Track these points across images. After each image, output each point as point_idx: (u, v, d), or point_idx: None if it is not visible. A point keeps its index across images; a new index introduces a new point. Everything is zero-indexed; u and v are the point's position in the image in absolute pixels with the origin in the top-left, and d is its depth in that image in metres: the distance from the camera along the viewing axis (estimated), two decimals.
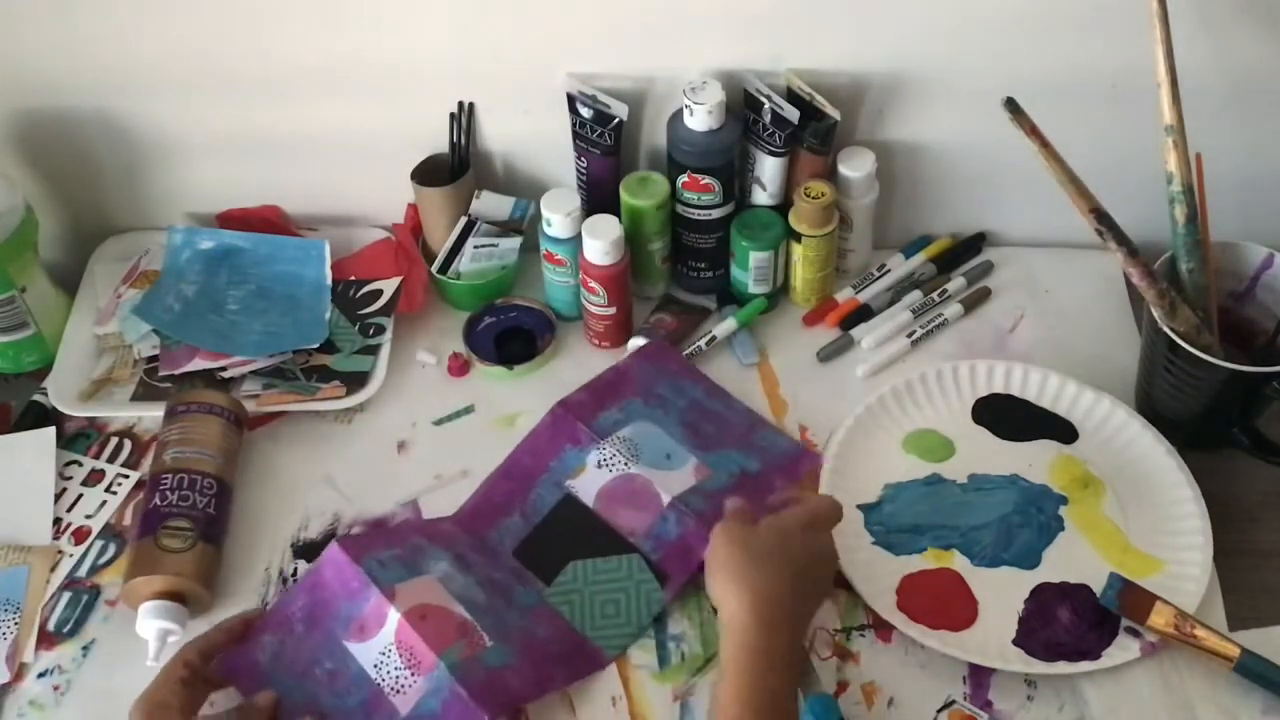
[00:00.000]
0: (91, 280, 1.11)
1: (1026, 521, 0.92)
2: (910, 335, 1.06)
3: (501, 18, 0.98)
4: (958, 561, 0.91)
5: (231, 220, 1.12)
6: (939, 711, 0.85)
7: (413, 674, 0.82)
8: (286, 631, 0.87)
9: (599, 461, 0.95)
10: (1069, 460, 0.96)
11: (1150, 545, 0.91)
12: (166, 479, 0.92)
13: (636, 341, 1.05)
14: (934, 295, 1.08)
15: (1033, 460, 0.96)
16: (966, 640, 0.86)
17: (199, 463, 0.93)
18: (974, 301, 1.09)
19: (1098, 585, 0.87)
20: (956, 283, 1.09)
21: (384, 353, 1.05)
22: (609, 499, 0.94)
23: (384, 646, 0.84)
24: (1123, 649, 0.85)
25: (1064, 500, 0.93)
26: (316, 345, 1.05)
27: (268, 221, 1.11)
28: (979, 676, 0.85)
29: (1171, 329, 0.90)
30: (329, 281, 1.08)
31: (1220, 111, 0.99)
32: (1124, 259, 0.88)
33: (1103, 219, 0.87)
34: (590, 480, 0.95)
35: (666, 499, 0.92)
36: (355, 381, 1.03)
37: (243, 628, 0.87)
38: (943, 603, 0.88)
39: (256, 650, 0.86)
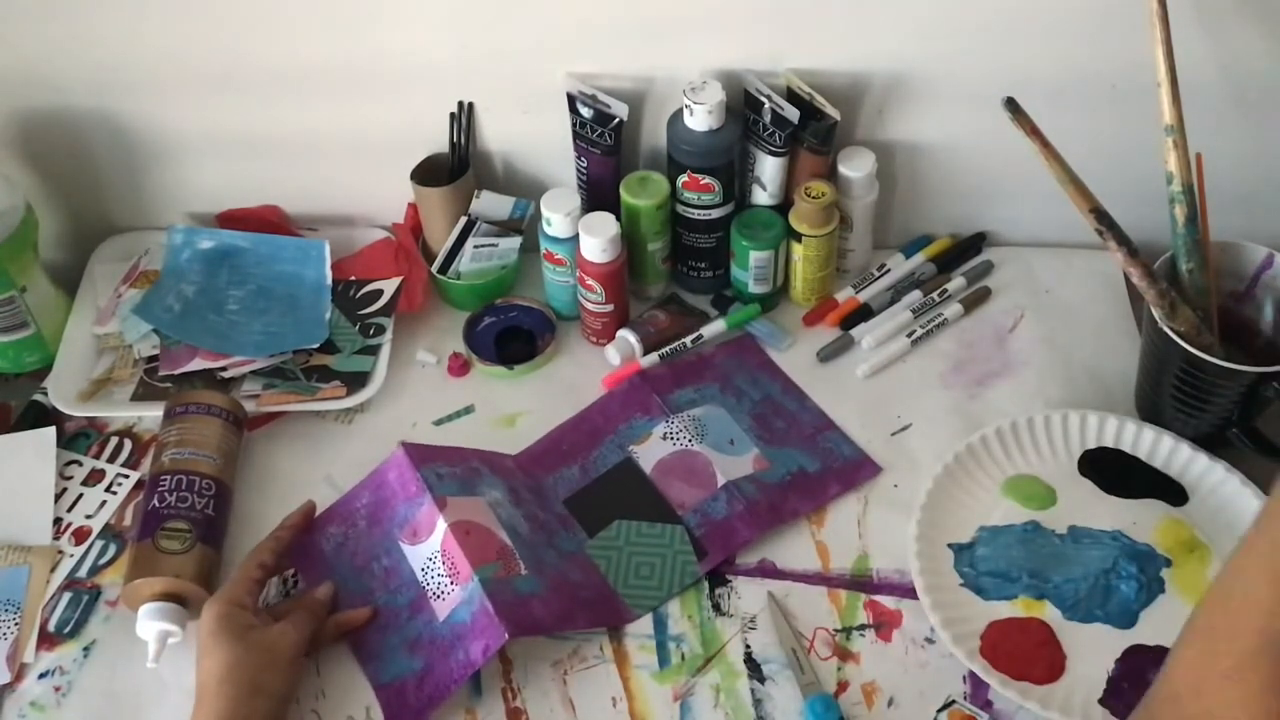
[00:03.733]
0: (91, 280, 1.11)
1: (1126, 580, 0.88)
2: (910, 335, 1.06)
3: (501, 18, 0.98)
4: (1049, 612, 0.88)
5: (231, 220, 1.12)
6: (939, 711, 0.85)
7: (452, 582, 0.87)
8: (350, 525, 0.94)
9: (665, 433, 0.98)
10: (1176, 523, 0.92)
11: None
12: (165, 480, 0.92)
13: (624, 334, 1.05)
14: (934, 295, 1.08)
15: (1138, 518, 0.92)
16: (1049, 695, 0.83)
17: (197, 464, 0.94)
18: (974, 301, 1.09)
19: None
20: (956, 282, 1.09)
21: (384, 353, 1.05)
22: (666, 469, 0.97)
23: (431, 553, 0.89)
24: None
25: (1168, 562, 0.89)
26: (317, 345, 1.05)
27: (268, 221, 1.11)
28: (979, 677, 0.85)
29: (1171, 329, 0.90)
30: (329, 281, 1.08)
31: (1221, 111, 0.99)
32: (1124, 259, 0.88)
33: (1102, 218, 0.87)
34: (652, 449, 0.98)
35: (722, 480, 0.95)
36: (355, 381, 1.03)
37: (305, 521, 0.94)
38: (1029, 654, 0.85)
39: (322, 540, 0.93)
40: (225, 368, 1.03)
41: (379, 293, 1.09)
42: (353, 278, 1.10)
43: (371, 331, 1.07)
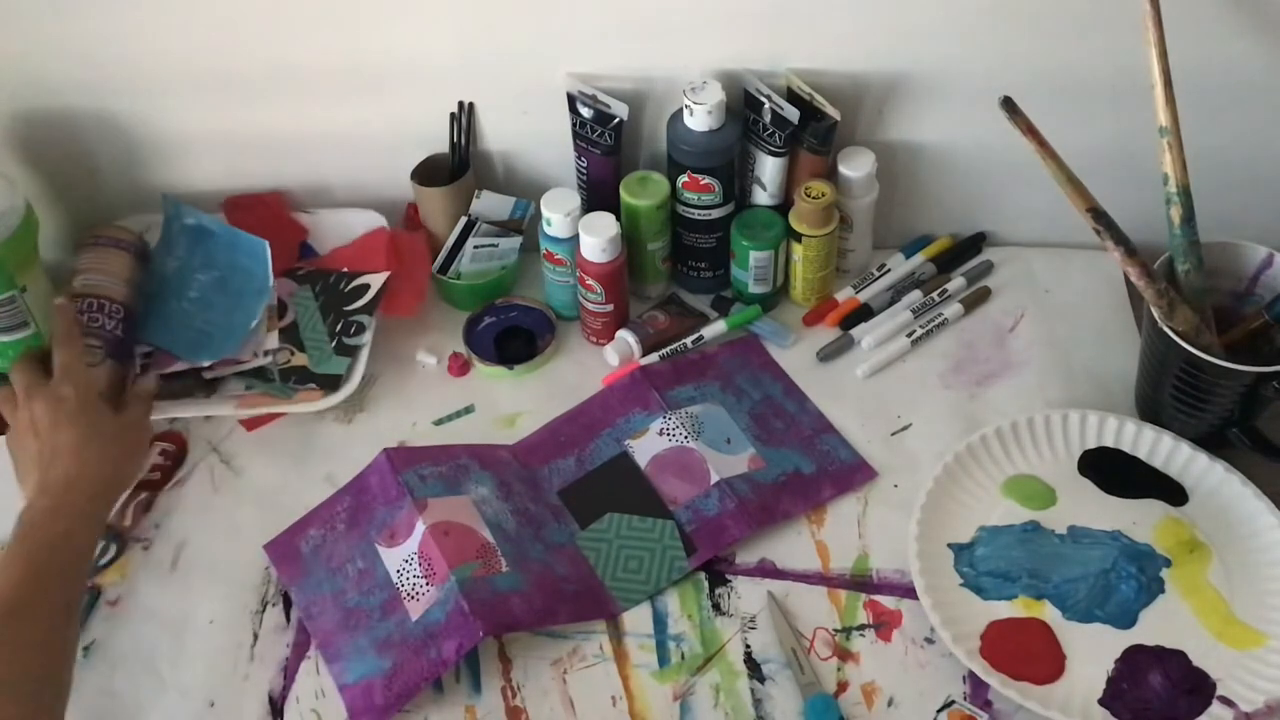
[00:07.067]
0: None
1: (1125, 580, 0.88)
2: (910, 335, 1.06)
3: (501, 18, 0.98)
4: (1048, 612, 0.88)
5: (236, 206, 1.11)
6: (939, 711, 0.85)
7: (428, 583, 0.88)
8: (329, 528, 0.94)
9: (661, 429, 0.99)
10: (1176, 523, 0.92)
11: (1254, 619, 0.87)
12: (78, 304, 1.00)
13: (623, 335, 1.05)
14: (934, 295, 1.09)
15: (1138, 518, 0.92)
16: (1049, 695, 0.83)
17: (108, 289, 1.01)
18: (974, 301, 1.09)
19: (1195, 652, 0.85)
20: (956, 282, 1.09)
21: (363, 354, 1.03)
22: (660, 465, 0.97)
23: (408, 554, 0.90)
24: (1213, 719, 0.82)
25: (1167, 562, 0.90)
26: (219, 359, 1.02)
27: (268, 207, 1.11)
28: (979, 677, 0.85)
29: (1170, 328, 0.90)
30: (272, 283, 1.05)
31: (1220, 111, 0.99)
32: (1121, 257, 0.88)
33: (1100, 217, 0.87)
34: (649, 444, 0.98)
35: (715, 478, 0.95)
36: (331, 384, 1.02)
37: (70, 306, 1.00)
38: (1029, 654, 0.85)
39: (301, 542, 0.94)
40: (211, 366, 1.03)
41: (365, 287, 1.07)
42: (345, 269, 1.09)
43: (352, 330, 1.05)
